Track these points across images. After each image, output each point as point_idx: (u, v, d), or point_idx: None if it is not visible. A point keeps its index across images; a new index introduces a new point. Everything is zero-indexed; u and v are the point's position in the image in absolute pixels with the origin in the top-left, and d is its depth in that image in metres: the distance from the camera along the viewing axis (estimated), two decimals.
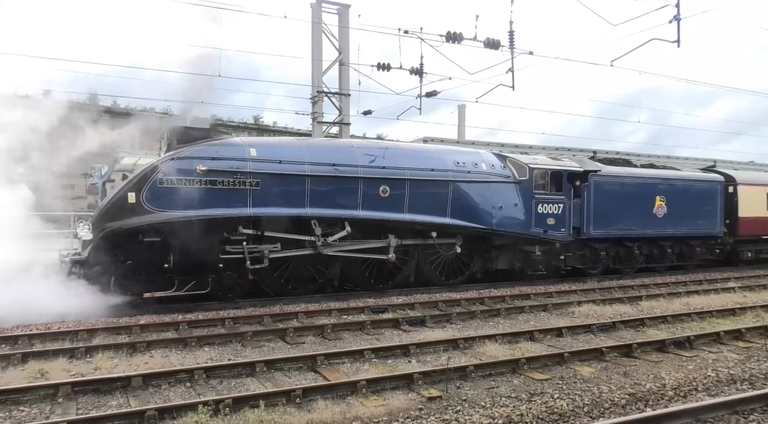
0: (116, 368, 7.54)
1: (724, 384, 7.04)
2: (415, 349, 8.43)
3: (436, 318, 10.95)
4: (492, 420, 5.65)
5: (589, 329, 10.08)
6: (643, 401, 6.34)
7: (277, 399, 6.13)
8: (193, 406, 5.79)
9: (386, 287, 13.81)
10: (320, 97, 18.95)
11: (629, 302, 13.00)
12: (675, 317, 11.11)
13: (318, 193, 12.45)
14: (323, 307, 11.74)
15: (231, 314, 11.01)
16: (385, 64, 17.94)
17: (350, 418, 5.67)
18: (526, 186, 15.15)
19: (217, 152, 11.66)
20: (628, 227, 16.96)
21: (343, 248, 12.94)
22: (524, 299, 13.30)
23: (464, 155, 14.96)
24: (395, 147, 14.64)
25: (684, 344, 8.92)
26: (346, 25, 18.65)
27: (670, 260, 18.53)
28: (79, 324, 9.89)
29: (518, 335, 9.48)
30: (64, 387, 6.47)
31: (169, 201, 11.09)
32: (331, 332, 9.74)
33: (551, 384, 6.94)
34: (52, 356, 7.94)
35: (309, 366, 7.67)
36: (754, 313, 11.67)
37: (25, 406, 6.18)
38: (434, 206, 13.81)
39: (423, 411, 5.93)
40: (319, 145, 13.92)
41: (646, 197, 17.30)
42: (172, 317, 10.67)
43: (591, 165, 16.90)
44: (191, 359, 8.06)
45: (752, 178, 21.25)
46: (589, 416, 5.88)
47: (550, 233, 15.44)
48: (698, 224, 18.46)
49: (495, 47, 16.64)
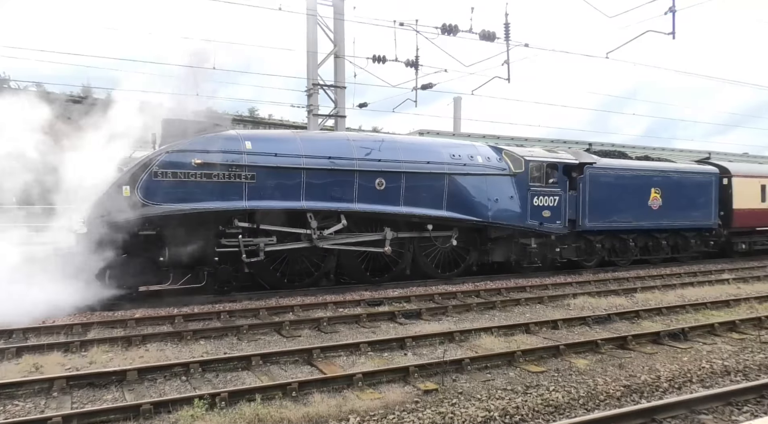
0: (111, 361, 7.52)
1: (718, 376, 7.09)
2: (411, 342, 8.44)
3: (432, 311, 10.97)
4: (488, 413, 5.66)
5: (584, 322, 10.11)
6: (638, 393, 6.37)
7: (273, 393, 6.14)
8: (189, 400, 5.78)
9: (382, 280, 13.81)
10: (315, 90, 18.86)
11: (624, 294, 13.05)
12: (670, 308, 11.16)
13: (314, 186, 12.41)
14: (319, 300, 11.74)
15: (227, 307, 11.00)
16: (381, 57, 17.83)
17: (346, 411, 5.68)
18: (521, 178, 15.14)
19: (212, 145, 11.59)
20: (623, 219, 17.00)
21: (339, 241, 12.93)
22: (520, 292, 13.34)
23: (460, 148, 14.93)
24: (391, 140, 14.60)
25: (679, 335, 8.97)
26: (341, 16, 18.53)
27: (665, 252, 18.60)
28: (74, 318, 9.86)
29: (514, 327, 9.51)
30: (59, 381, 6.46)
31: (164, 194, 11.04)
32: (327, 325, 9.75)
33: (547, 376, 6.97)
34: (47, 350, 7.92)
35: (305, 359, 7.68)
36: (748, 304, 11.74)
37: (20, 400, 6.16)
38: (430, 199, 13.80)
39: (419, 404, 5.94)
40: (315, 138, 13.86)
41: (641, 189, 17.33)
42: (167, 311, 10.66)
43: (587, 157, 16.91)
44: (187, 353, 8.05)
45: (747, 170, 21.32)
46: (584, 409, 5.91)
47: (545, 225, 15.46)
48: (693, 216, 18.53)
49: (491, 39, 16.58)
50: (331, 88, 19.06)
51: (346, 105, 19.43)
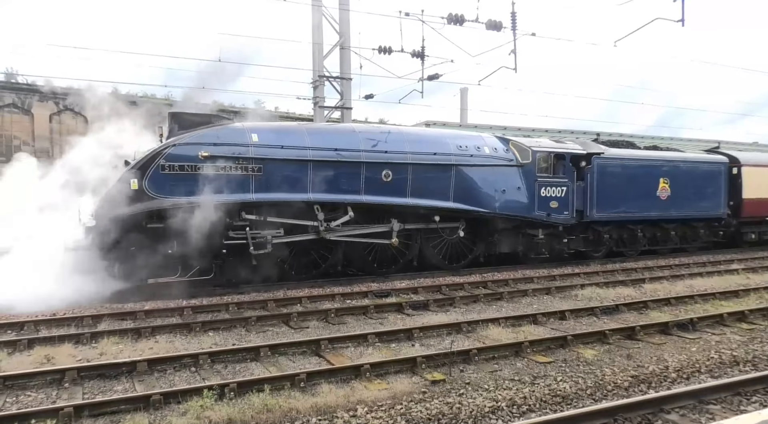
0: (121, 353, 7.60)
1: (727, 366, 7.07)
2: (418, 333, 8.46)
3: (439, 302, 10.98)
4: (495, 403, 5.68)
5: (592, 312, 10.10)
6: (646, 383, 6.36)
7: (282, 383, 6.18)
8: (198, 390, 5.83)
9: (389, 272, 13.83)
10: (321, 82, 18.81)
11: (632, 284, 13.01)
12: (678, 299, 11.12)
13: (320, 178, 12.41)
14: (326, 292, 11.78)
15: (235, 299, 11.06)
16: (387, 48, 17.74)
17: (354, 401, 5.71)
18: (529, 169, 15.08)
19: (219, 138, 11.62)
20: (631, 210, 16.90)
21: (346, 233, 12.94)
22: (527, 283, 13.32)
23: (467, 139, 14.87)
24: (397, 131, 14.55)
25: (687, 326, 8.93)
26: (347, 7, 18.44)
27: (673, 243, 18.48)
28: (84, 310, 9.94)
29: (521, 318, 9.51)
30: (70, 372, 6.54)
31: (172, 187, 11.09)
32: (334, 317, 9.79)
33: (554, 367, 6.97)
34: (58, 341, 8.01)
35: (313, 350, 7.72)
36: (758, 295, 11.67)
37: (32, 391, 6.25)
38: (437, 190, 13.76)
39: (426, 394, 5.96)
40: (321, 129, 13.85)
41: (649, 179, 17.21)
42: (176, 303, 10.73)
43: (594, 147, 16.79)
44: (196, 344, 8.11)
45: (756, 159, 21.10)
46: (592, 399, 5.91)
47: (553, 216, 15.41)
48: (702, 206, 18.39)
49: (497, 29, 16.43)
50: (337, 79, 19.01)
51: (352, 97, 19.38)
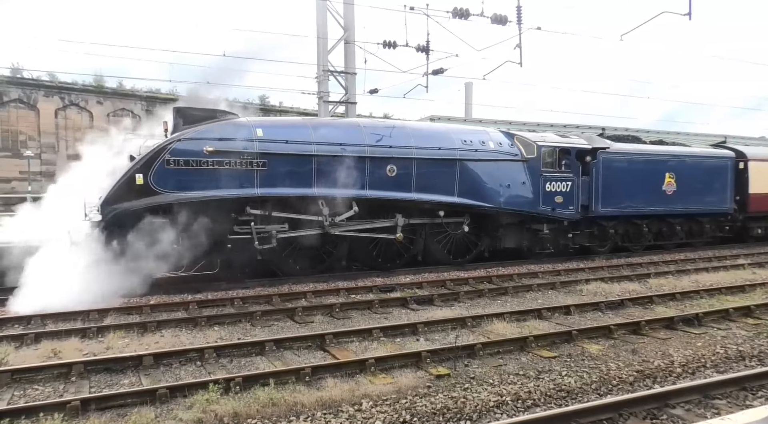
0: (128, 347, 7.64)
1: (732, 361, 7.05)
2: (423, 327, 8.47)
3: (443, 297, 10.99)
4: (500, 397, 5.68)
5: (597, 307, 10.08)
6: (651, 378, 6.35)
7: (287, 377, 6.20)
8: (204, 384, 5.86)
9: (394, 267, 13.84)
10: (326, 76, 18.79)
11: (637, 279, 12.97)
12: (684, 294, 11.08)
13: (325, 173, 12.41)
14: (331, 286, 11.80)
15: (240, 293, 11.10)
16: (391, 42, 17.69)
17: (359, 395, 5.72)
18: (534, 164, 15.03)
19: (224, 133, 11.63)
20: (636, 205, 16.85)
21: (351, 228, 12.95)
22: (532, 278, 13.30)
23: (471, 134, 14.83)
24: (402, 126, 14.53)
25: (693, 321, 8.90)
26: (351, 1, 18.38)
27: (679, 238, 18.43)
28: (90, 304, 9.99)
29: (526, 313, 9.50)
30: (77, 366, 6.57)
31: (177, 182, 11.11)
32: (339, 311, 9.81)
33: (559, 362, 6.97)
34: (65, 335, 8.05)
35: (318, 345, 7.74)
36: (764, 290, 11.62)
37: (40, 385, 6.29)
38: (441, 185, 13.75)
39: (431, 389, 5.97)
40: (326, 124, 13.84)
41: (655, 174, 17.14)
42: (181, 297, 10.78)
43: (599, 142, 16.73)
44: (201, 339, 8.14)
45: (763, 154, 20.96)
46: (597, 394, 5.91)
47: (558, 211, 15.37)
48: (708, 201, 18.31)
49: (502, 23, 16.37)
50: (341, 74, 18.98)
51: (357, 91, 19.36)
